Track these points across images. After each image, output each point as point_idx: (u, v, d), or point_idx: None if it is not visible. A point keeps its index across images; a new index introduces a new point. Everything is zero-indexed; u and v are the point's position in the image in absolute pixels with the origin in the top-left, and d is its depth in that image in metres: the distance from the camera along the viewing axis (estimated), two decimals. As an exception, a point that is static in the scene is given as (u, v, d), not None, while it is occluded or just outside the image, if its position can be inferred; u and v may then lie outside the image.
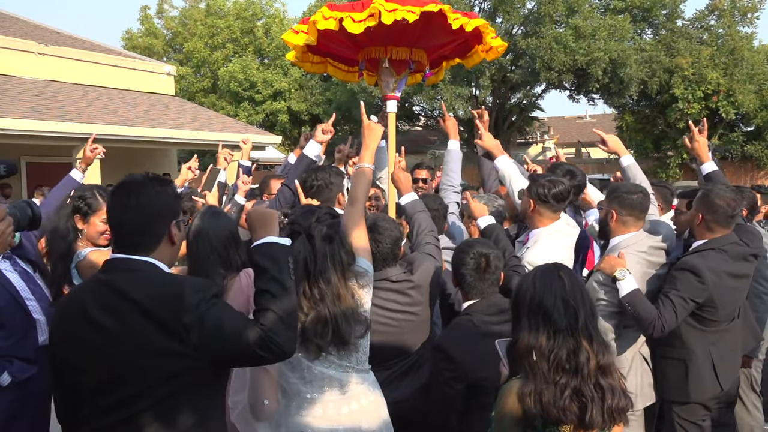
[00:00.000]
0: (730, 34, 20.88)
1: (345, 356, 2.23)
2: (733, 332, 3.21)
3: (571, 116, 38.43)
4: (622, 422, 1.97)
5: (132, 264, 1.84)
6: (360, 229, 2.51)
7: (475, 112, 4.23)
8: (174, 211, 1.94)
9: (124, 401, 1.76)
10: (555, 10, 19.44)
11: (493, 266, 2.74)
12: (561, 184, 3.21)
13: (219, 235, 2.68)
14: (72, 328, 1.82)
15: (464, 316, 2.76)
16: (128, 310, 1.76)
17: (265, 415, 2.18)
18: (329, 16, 3.39)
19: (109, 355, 1.76)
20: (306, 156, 3.70)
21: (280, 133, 23.09)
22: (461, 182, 4.15)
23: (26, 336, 3.05)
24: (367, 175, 2.68)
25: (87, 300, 1.82)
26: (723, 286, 3.05)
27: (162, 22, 31.78)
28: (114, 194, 1.91)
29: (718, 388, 3.12)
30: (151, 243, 1.86)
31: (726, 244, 3.10)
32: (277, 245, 1.85)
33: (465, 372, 2.58)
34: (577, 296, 1.96)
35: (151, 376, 1.74)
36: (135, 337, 1.74)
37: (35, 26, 15.67)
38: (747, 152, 22.79)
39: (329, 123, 3.83)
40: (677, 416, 3.17)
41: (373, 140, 2.79)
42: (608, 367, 1.94)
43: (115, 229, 1.90)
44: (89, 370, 1.79)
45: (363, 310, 2.30)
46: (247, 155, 4.96)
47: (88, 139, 4.10)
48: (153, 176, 1.95)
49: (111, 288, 1.80)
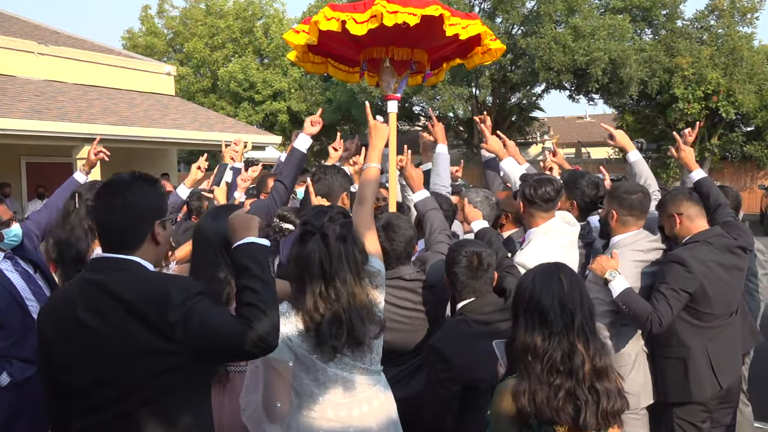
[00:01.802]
0: (730, 34, 20.88)
1: (359, 357, 2.22)
2: (731, 329, 3.19)
3: (571, 116, 38.43)
4: (618, 425, 1.96)
5: (118, 263, 1.86)
6: (370, 228, 2.50)
7: (478, 118, 4.25)
8: (159, 210, 1.95)
9: (113, 400, 1.78)
10: (554, 9, 19.44)
11: (486, 264, 2.72)
12: (549, 184, 3.20)
13: (220, 235, 2.65)
14: (60, 328, 1.84)
15: (458, 316, 2.75)
16: (115, 309, 1.77)
17: (278, 418, 2.17)
18: (331, 17, 3.38)
19: (97, 354, 1.78)
20: (297, 149, 3.64)
21: (280, 133, 23.09)
22: (462, 182, 4.16)
23: (25, 336, 3.06)
24: (375, 174, 2.70)
25: (74, 299, 1.84)
26: (713, 277, 3.06)
27: (163, 22, 31.80)
28: (101, 194, 1.93)
29: (717, 386, 3.10)
30: (135, 242, 1.88)
31: (711, 237, 3.14)
32: (256, 245, 1.88)
33: (460, 373, 2.57)
34: (575, 298, 1.95)
35: (139, 375, 1.76)
36: (122, 337, 1.76)
37: (35, 26, 15.67)
38: (747, 152, 22.79)
39: (317, 114, 3.79)
40: (677, 417, 3.15)
41: (380, 140, 2.80)
42: (604, 370, 1.93)
43: (101, 228, 1.92)
44: (78, 369, 1.81)
45: (377, 310, 2.29)
46: (240, 157, 4.88)
47: (92, 141, 4.10)
48: (140, 175, 1.96)
49: (97, 287, 1.82)
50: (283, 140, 19.25)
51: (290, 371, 2.15)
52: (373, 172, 2.69)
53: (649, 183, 3.60)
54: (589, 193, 3.61)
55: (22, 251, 3.25)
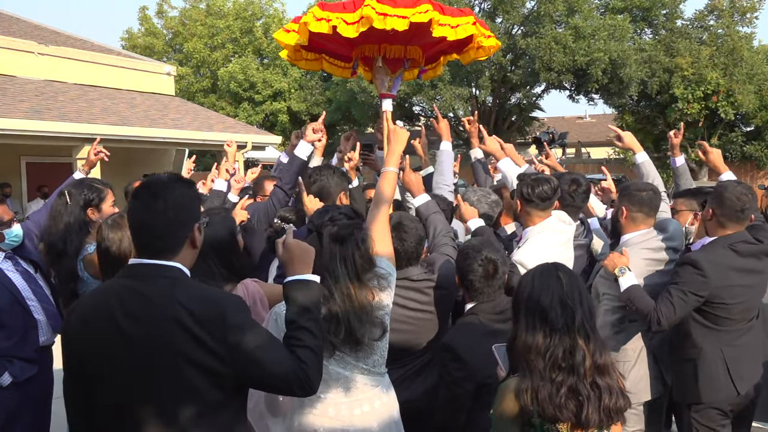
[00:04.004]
0: (730, 34, 20.87)
1: (362, 358, 2.23)
2: (751, 334, 3.11)
3: (571, 116, 38.44)
4: (620, 422, 1.98)
5: (160, 270, 1.77)
6: (383, 231, 2.53)
7: (465, 120, 4.29)
8: (198, 212, 1.89)
9: (142, 414, 1.70)
10: (555, 10, 19.45)
11: (501, 272, 2.78)
12: (546, 183, 3.23)
13: (213, 241, 2.56)
14: (95, 333, 1.74)
15: (470, 315, 2.78)
16: (161, 318, 1.69)
17: (280, 411, 2.21)
18: (321, 18, 3.33)
19: (132, 363, 1.69)
20: (297, 157, 3.62)
21: (280, 133, 23.08)
22: (461, 181, 4.17)
23: (27, 336, 3.07)
24: (393, 178, 2.74)
25: (113, 305, 1.74)
26: (730, 282, 3.00)
27: (162, 22, 31.80)
28: (138, 196, 1.82)
29: (734, 392, 3.04)
30: (175, 247, 1.79)
31: (736, 242, 3.06)
32: (315, 285, 1.87)
33: (473, 371, 2.59)
34: (575, 296, 1.97)
35: (175, 388, 1.69)
36: (161, 348, 1.69)
37: (35, 26, 15.67)
38: (746, 152, 22.77)
39: (320, 122, 3.77)
40: (695, 420, 3.13)
41: (400, 144, 2.86)
42: (606, 366, 1.95)
43: (139, 232, 1.81)
44: (109, 376, 1.73)
45: (382, 312, 2.30)
46: (232, 159, 4.75)
47: (92, 141, 4.11)
48: (177, 176, 1.90)
49: (138, 295, 1.73)
50: (283, 140, 19.24)
51: None
52: (391, 177, 2.73)
53: (656, 184, 3.60)
54: (568, 189, 3.61)
55: (23, 251, 3.26)
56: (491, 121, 22.25)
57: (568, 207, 3.58)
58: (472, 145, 4.54)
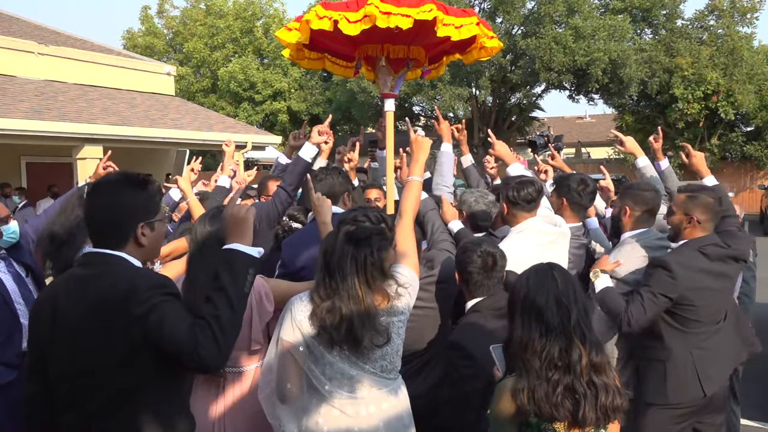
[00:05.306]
0: (730, 35, 20.90)
1: (367, 361, 2.24)
2: (720, 336, 3.14)
3: (571, 116, 38.45)
4: (618, 420, 1.98)
5: (104, 258, 1.91)
6: (410, 240, 2.55)
7: (455, 128, 4.31)
8: (145, 211, 1.95)
9: (88, 396, 1.83)
10: (555, 10, 19.45)
11: (499, 265, 2.79)
12: (530, 185, 3.27)
13: (216, 238, 2.60)
14: (43, 320, 1.91)
15: (473, 313, 2.78)
16: (90, 303, 1.82)
17: (288, 399, 2.22)
18: (323, 16, 3.33)
19: (71, 346, 1.83)
20: (301, 158, 3.57)
21: (280, 133, 23.10)
22: (460, 182, 4.18)
23: (10, 340, 2.99)
24: (417, 188, 2.74)
25: (59, 293, 1.91)
26: (699, 284, 3.03)
27: (162, 22, 31.81)
28: (89, 194, 1.99)
29: (701, 392, 3.06)
30: (120, 241, 1.92)
31: (704, 245, 3.09)
32: (239, 254, 1.88)
33: (482, 368, 2.58)
34: (570, 295, 1.98)
35: (108, 368, 1.80)
36: (93, 330, 1.80)
37: (35, 26, 15.69)
38: (746, 152, 22.78)
39: (326, 124, 3.73)
40: (650, 418, 3.11)
41: (423, 153, 2.85)
42: (602, 365, 1.96)
43: (88, 225, 1.98)
44: (58, 362, 1.86)
45: (395, 319, 2.28)
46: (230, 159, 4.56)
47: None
48: (129, 176, 1.98)
49: (79, 281, 1.89)
50: (283, 140, 19.24)
51: (302, 356, 2.20)
52: (415, 186, 2.73)
53: (658, 187, 3.64)
54: (577, 188, 3.68)
55: (17, 253, 3.20)
56: (491, 121, 22.25)
57: (575, 205, 3.63)
58: (463, 152, 4.58)
